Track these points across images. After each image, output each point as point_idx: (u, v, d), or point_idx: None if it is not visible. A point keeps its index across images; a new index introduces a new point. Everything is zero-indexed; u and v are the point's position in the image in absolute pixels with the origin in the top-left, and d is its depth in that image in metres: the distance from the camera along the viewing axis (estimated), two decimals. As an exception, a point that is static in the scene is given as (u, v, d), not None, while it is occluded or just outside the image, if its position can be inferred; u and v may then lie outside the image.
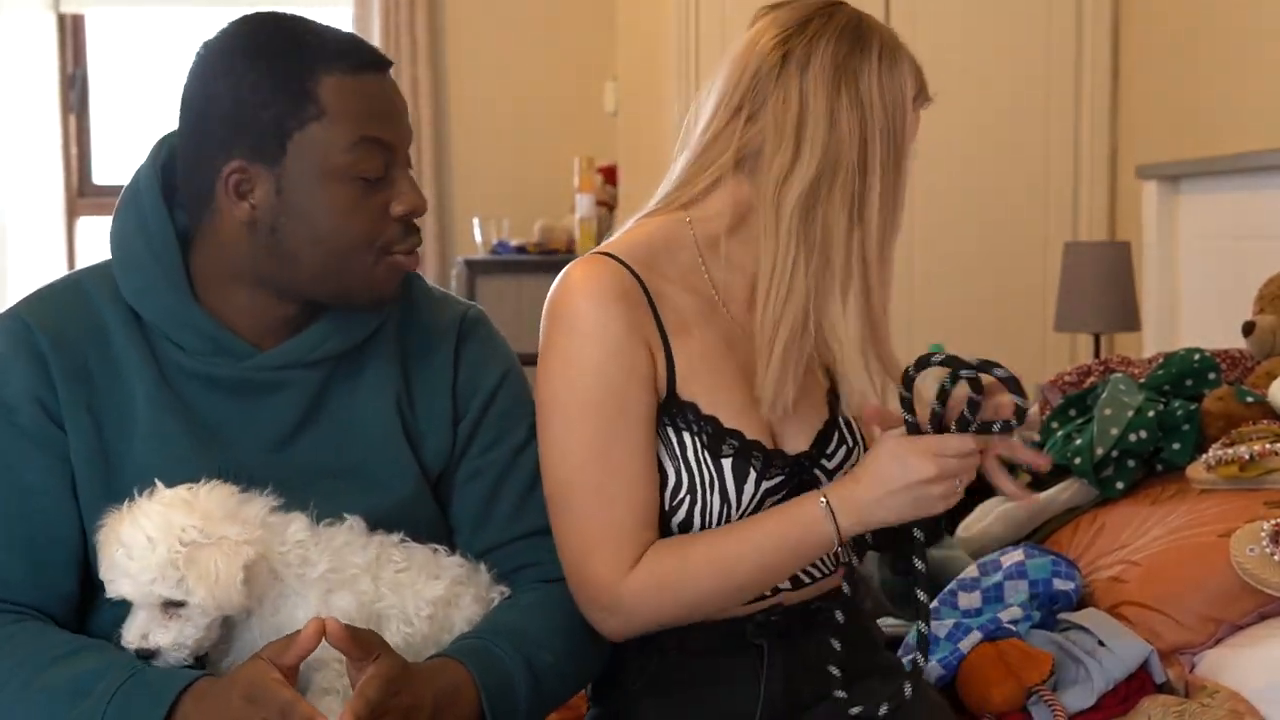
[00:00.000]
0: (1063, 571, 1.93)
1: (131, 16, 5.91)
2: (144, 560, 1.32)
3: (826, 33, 1.59)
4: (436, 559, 1.48)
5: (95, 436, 1.44)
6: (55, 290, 1.52)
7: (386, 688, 1.30)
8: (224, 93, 1.42)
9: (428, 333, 1.58)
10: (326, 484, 1.48)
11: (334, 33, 1.46)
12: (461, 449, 1.57)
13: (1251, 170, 3.30)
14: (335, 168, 1.42)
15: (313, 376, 1.50)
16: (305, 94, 1.40)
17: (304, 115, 1.41)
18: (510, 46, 5.88)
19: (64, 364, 1.44)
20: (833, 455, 1.64)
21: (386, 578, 1.43)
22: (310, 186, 1.42)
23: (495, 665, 1.42)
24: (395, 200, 1.45)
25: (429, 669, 1.38)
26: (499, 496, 1.57)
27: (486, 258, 5.43)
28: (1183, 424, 2.22)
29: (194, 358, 1.47)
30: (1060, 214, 4.40)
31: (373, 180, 1.43)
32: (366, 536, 1.44)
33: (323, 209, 1.43)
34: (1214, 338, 2.85)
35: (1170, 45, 4.00)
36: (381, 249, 1.46)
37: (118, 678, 1.32)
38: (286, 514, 1.42)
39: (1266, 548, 1.84)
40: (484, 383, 1.58)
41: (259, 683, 1.28)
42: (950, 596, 1.91)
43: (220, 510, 1.35)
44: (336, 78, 1.41)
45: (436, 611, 1.45)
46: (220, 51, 1.44)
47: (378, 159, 1.43)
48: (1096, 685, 1.76)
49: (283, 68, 1.41)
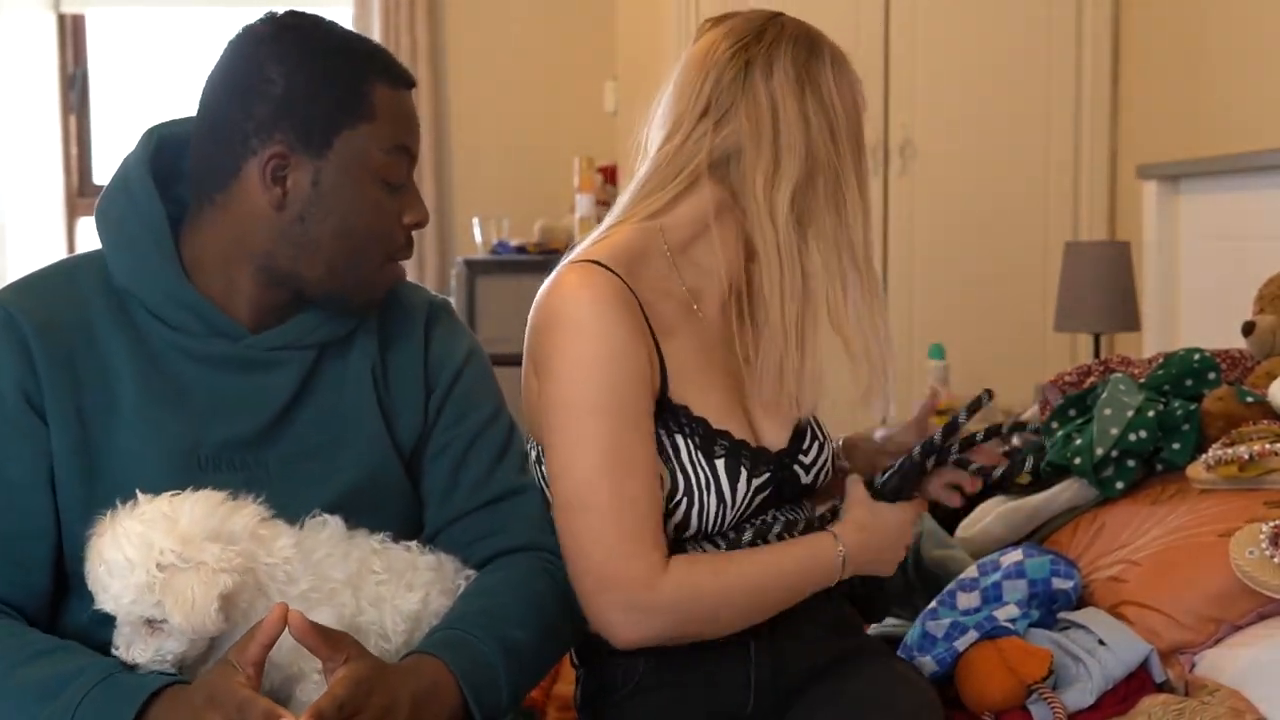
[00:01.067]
0: (1061, 571, 1.93)
1: (131, 16, 5.91)
2: (124, 580, 1.31)
3: (783, 41, 1.64)
4: (412, 562, 1.48)
5: (78, 426, 1.44)
6: (41, 278, 1.53)
7: (356, 688, 1.29)
8: (277, 78, 1.46)
9: (403, 314, 1.63)
10: (306, 464, 1.50)
11: (377, 45, 1.56)
12: (430, 424, 1.61)
13: (1252, 170, 3.30)
14: (373, 169, 1.49)
15: (307, 356, 1.53)
16: (361, 96, 1.48)
17: (357, 115, 1.48)
18: (510, 46, 5.88)
19: (48, 353, 1.44)
20: (808, 450, 1.71)
21: (367, 591, 1.43)
22: (347, 182, 1.48)
23: (470, 652, 1.42)
24: (407, 210, 1.53)
25: (404, 668, 1.38)
26: (465, 467, 1.60)
27: (486, 258, 5.43)
28: (1183, 424, 2.22)
29: (187, 337, 1.48)
30: (1060, 214, 4.41)
31: (395, 187, 1.51)
32: (347, 542, 1.44)
33: (354, 206, 1.49)
34: (1214, 338, 2.85)
35: (1170, 45, 4.01)
36: (388, 253, 1.54)
37: (89, 681, 1.32)
38: (275, 525, 1.41)
39: (1266, 550, 1.84)
40: (451, 360, 1.63)
41: (220, 685, 1.28)
42: (949, 597, 1.91)
43: (202, 529, 1.34)
44: (386, 87, 1.50)
45: (419, 621, 1.45)
46: (272, 39, 1.47)
47: (405, 167, 1.51)
48: (1096, 684, 1.76)
49: (343, 66, 1.48)
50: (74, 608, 1.46)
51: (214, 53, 1.51)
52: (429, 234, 5.87)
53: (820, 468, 1.73)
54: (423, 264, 5.87)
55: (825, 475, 1.74)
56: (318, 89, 1.46)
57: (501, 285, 5.23)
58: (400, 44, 5.77)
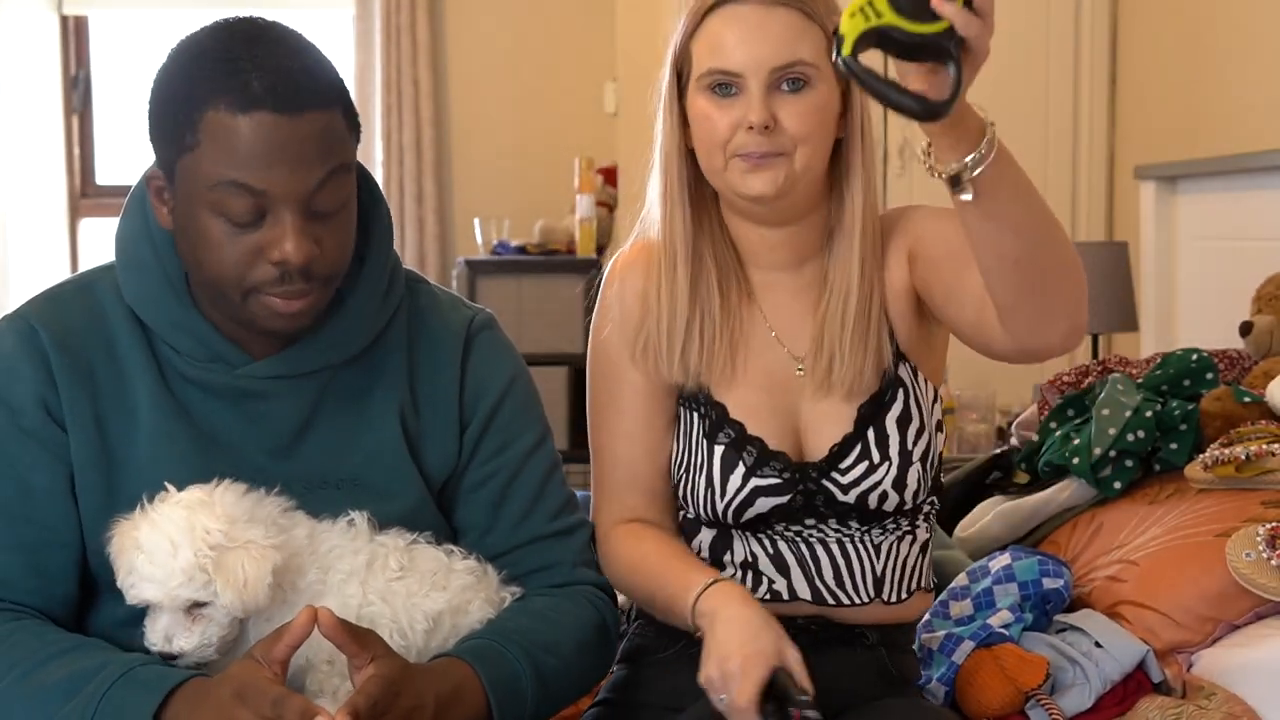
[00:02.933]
0: (1050, 570, 1.93)
1: (134, 18, 5.92)
2: (168, 565, 1.32)
3: None
4: (448, 565, 1.47)
5: (98, 439, 1.44)
6: (63, 291, 1.52)
7: (388, 688, 1.30)
8: (148, 102, 1.42)
9: (434, 340, 1.57)
10: (327, 493, 1.47)
11: (246, 63, 1.36)
12: (468, 456, 1.56)
13: (1249, 171, 3.30)
14: (203, 202, 1.38)
15: (307, 386, 1.49)
16: (189, 123, 1.36)
17: (183, 144, 1.37)
18: (510, 47, 5.88)
19: (68, 366, 1.44)
20: (847, 471, 1.64)
21: (377, 585, 1.42)
22: (190, 212, 1.39)
23: (501, 664, 1.42)
24: (271, 246, 1.37)
25: (431, 669, 1.38)
26: (506, 503, 1.57)
27: (487, 258, 5.43)
28: (1180, 424, 2.22)
29: (191, 363, 1.47)
30: (1059, 214, 4.38)
31: (244, 220, 1.37)
32: (366, 539, 1.44)
33: (198, 238, 1.39)
34: (1211, 338, 2.85)
35: (1168, 46, 4.01)
36: (250, 289, 1.40)
37: (110, 675, 1.33)
38: (294, 516, 1.42)
39: (1263, 553, 1.84)
40: (490, 389, 1.57)
41: (249, 681, 1.28)
42: (941, 607, 1.90)
43: (241, 512, 1.36)
44: (219, 113, 1.34)
45: (443, 622, 1.44)
46: (165, 58, 1.43)
47: (244, 203, 1.36)
48: (1094, 687, 1.76)
49: (180, 92, 1.37)
50: (100, 614, 1.47)
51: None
52: (430, 234, 5.88)
53: (866, 489, 1.63)
54: (423, 264, 5.87)
55: (878, 499, 1.64)
56: (161, 112, 1.39)
57: (502, 285, 5.23)
58: (400, 44, 5.77)
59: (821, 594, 1.65)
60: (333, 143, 1.39)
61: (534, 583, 1.56)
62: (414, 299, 1.58)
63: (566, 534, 1.60)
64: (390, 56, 5.79)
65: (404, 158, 5.85)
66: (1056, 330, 1.50)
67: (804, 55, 1.58)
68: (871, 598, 1.65)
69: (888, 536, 1.66)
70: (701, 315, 1.64)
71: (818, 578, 1.65)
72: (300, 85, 1.36)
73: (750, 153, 1.58)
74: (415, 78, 5.78)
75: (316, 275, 1.40)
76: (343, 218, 1.42)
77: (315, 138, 1.37)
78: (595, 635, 1.56)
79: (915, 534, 1.68)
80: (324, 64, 1.41)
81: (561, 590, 1.56)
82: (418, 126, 5.83)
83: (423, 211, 5.89)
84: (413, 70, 5.78)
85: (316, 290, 1.41)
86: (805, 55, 1.58)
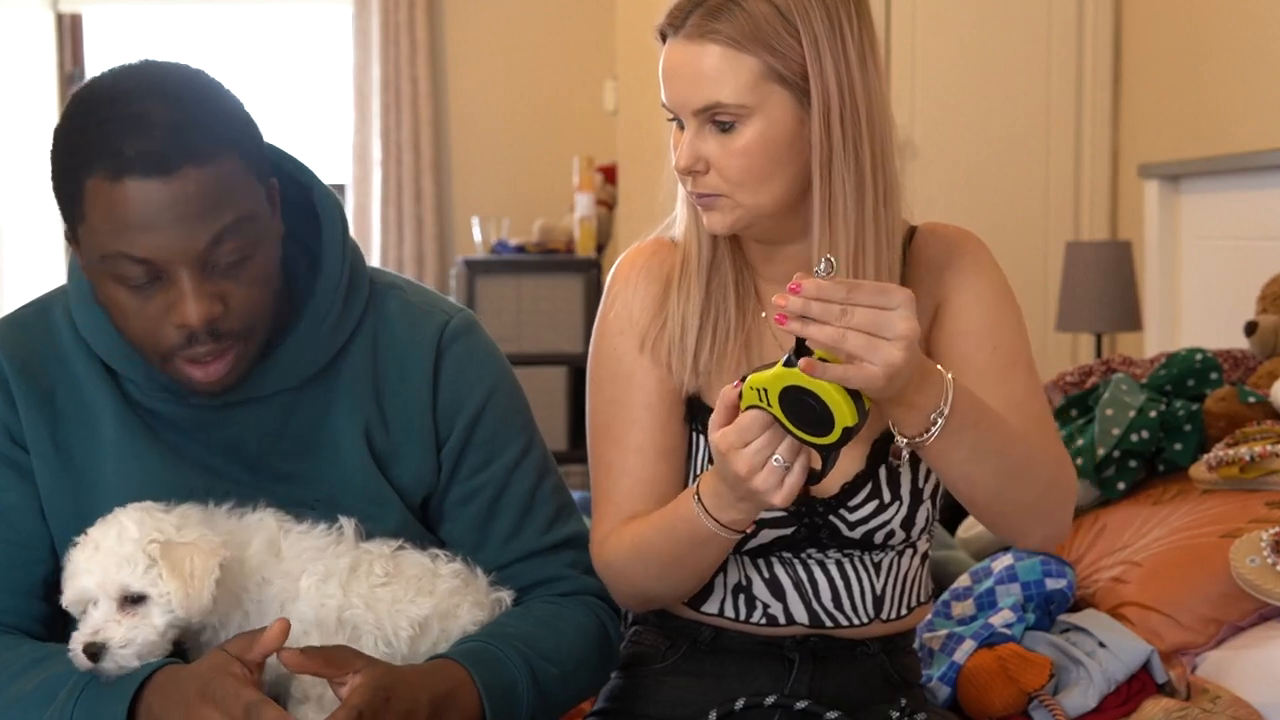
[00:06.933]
0: (1053, 570, 1.92)
1: (129, 15, 5.92)
2: (113, 551, 1.30)
3: None
4: (433, 570, 1.44)
5: (61, 462, 1.43)
6: (23, 315, 1.50)
7: (375, 695, 1.27)
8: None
9: (402, 353, 1.49)
10: (305, 511, 1.44)
11: (119, 124, 1.28)
12: (449, 473, 1.51)
13: (1253, 170, 3.30)
14: (101, 271, 1.33)
15: (264, 413, 1.45)
16: (76, 194, 1.30)
17: (75, 215, 1.32)
18: (510, 46, 5.89)
19: (27, 389, 1.43)
20: (856, 509, 1.56)
21: (360, 590, 1.39)
22: (94, 279, 1.35)
23: (497, 668, 1.40)
24: (171, 309, 1.32)
25: (423, 671, 1.36)
26: (493, 519, 1.52)
27: (486, 257, 5.43)
28: (1184, 424, 2.22)
29: (144, 392, 1.44)
30: (1061, 214, 4.40)
31: (142, 285, 1.31)
32: (351, 544, 1.42)
33: (106, 303, 1.35)
34: (1216, 338, 2.84)
35: (1172, 44, 4.00)
36: (165, 354, 1.35)
37: (82, 679, 1.31)
38: (254, 527, 1.40)
39: (1268, 558, 1.84)
40: (467, 403, 1.50)
41: (218, 679, 1.26)
42: (944, 607, 1.90)
43: (194, 519, 1.35)
44: (98, 181, 1.28)
45: (430, 627, 1.42)
46: (61, 115, 1.36)
47: (137, 270, 1.30)
48: (1097, 687, 1.76)
49: (65, 161, 1.32)
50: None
51: (211, 51, 1.47)
52: (428, 233, 5.88)
53: (873, 527, 1.56)
54: (422, 263, 5.87)
55: (885, 536, 1.57)
56: (54, 181, 1.33)
57: (501, 285, 5.23)
58: (400, 44, 5.77)
59: (819, 617, 1.60)
60: (222, 196, 1.30)
61: (539, 595, 1.53)
62: (381, 307, 1.51)
63: (563, 546, 1.56)
64: (389, 55, 5.78)
65: (402, 156, 5.84)
66: (1030, 540, 1.52)
67: (723, 97, 1.41)
68: (871, 618, 1.62)
69: (888, 553, 1.62)
70: (715, 318, 1.58)
71: (815, 600, 1.60)
72: (175, 143, 1.28)
73: (691, 192, 1.48)
74: (414, 76, 5.78)
75: (227, 332, 1.34)
76: (250, 268, 1.34)
77: (198, 196, 1.29)
78: (596, 644, 1.53)
79: (916, 546, 1.65)
80: (212, 113, 1.33)
81: (566, 598, 1.53)
82: (416, 125, 5.83)
83: (421, 210, 5.89)
84: (411, 69, 5.77)
85: (236, 346, 1.35)
86: (725, 96, 1.41)
